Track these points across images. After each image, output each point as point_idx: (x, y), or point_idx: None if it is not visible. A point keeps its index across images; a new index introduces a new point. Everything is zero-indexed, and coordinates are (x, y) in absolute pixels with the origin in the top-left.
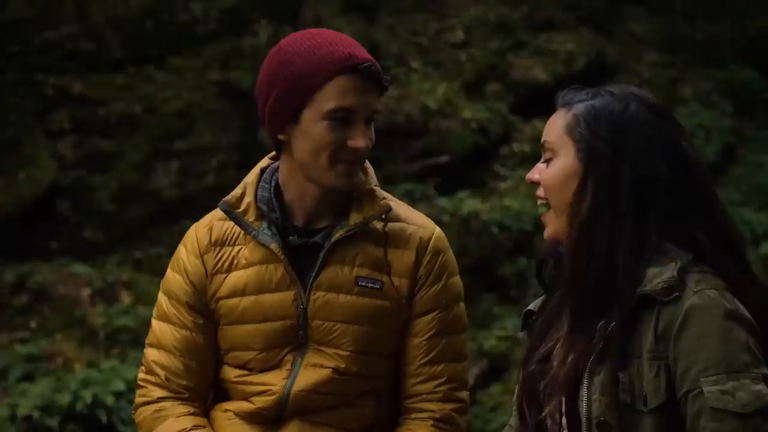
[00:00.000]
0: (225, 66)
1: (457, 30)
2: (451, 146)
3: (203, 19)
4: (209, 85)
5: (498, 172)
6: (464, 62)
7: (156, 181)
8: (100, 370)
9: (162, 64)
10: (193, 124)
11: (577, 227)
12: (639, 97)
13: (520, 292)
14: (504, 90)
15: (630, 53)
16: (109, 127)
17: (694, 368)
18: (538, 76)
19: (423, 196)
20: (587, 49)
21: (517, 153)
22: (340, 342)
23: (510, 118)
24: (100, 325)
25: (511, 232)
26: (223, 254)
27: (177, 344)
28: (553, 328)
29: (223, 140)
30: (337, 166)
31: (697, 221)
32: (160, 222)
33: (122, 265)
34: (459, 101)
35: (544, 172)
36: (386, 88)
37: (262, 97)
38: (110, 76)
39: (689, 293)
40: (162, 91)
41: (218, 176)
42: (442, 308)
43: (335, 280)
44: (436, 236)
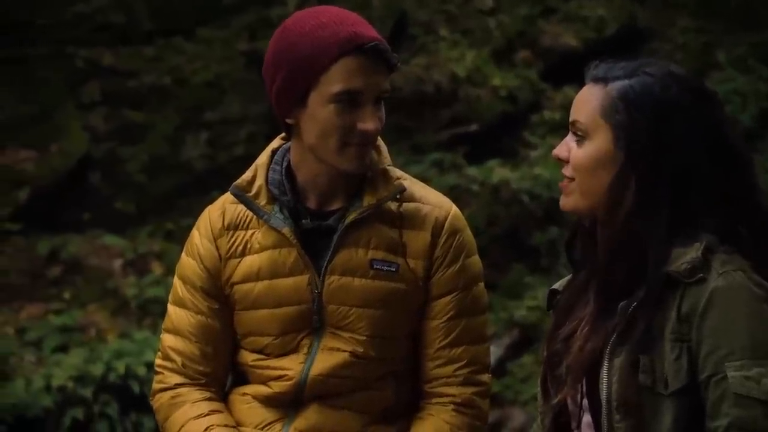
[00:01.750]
0: (253, 36)
1: None
2: (480, 114)
3: None
4: (238, 56)
5: (528, 140)
6: (493, 29)
7: (186, 152)
8: (132, 341)
9: (191, 35)
10: (222, 95)
11: (620, 219)
12: (679, 77)
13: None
14: (534, 57)
15: (663, 18)
16: (140, 98)
17: (718, 352)
18: (569, 43)
19: (452, 165)
20: (618, 14)
21: (548, 121)
22: (357, 326)
23: (540, 86)
24: (131, 296)
25: (542, 201)
26: (237, 238)
27: (193, 330)
28: (577, 306)
29: (252, 111)
30: (346, 149)
31: (736, 211)
32: (191, 193)
33: (153, 236)
34: (488, 69)
35: (576, 153)
36: (395, 66)
37: (269, 79)
38: (140, 48)
39: (714, 274)
40: (191, 62)
41: (247, 147)
42: (460, 289)
43: (349, 263)
44: (452, 215)
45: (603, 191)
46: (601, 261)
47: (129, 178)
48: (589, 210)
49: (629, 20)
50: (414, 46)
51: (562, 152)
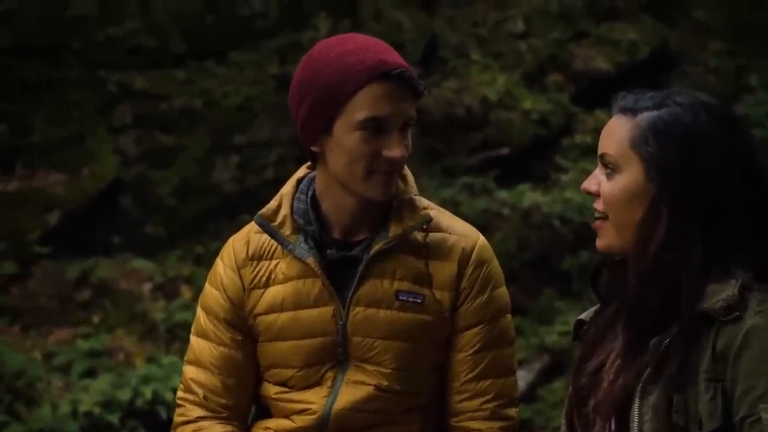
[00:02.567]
0: (284, 60)
1: (518, 20)
2: (511, 138)
3: (262, 13)
4: (268, 79)
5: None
6: (524, 53)
7: (216, 175)
8: (160, 366)
9: (222, 58)
10: (252, 118)
11: (652, 253)
12: (708, 106)
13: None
14: (565, 80)
15: (695, 42)
16: (170, 121)
17: (753, 393)
18: (601, 66)
19: (483, 189)
20: (650, 37)
21: (579, 144)
22: (382, 359)
23: (571, 109)
24: (160, 320)
25: (573, 225)
26: (261, 268)
27: (215, 361)
28: (605, 339)
29: (282, 134)
30: (372, 177)
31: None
32: (221, 216)
33: (183, 259)
34: (519, 92)
35: (607, 187)
36: (422, 93)
37: (295, 107)
38: (171, 71)
39: (751, 313)
40: (222, 85)
41: (277, 170)
42: (487, 321)
43: (375, 294)
44: (479, 246)
45: (635, 225)
46: (633, 295)
47: (159, 201)
48: (623, 248)
49: (661, 44)
50: (445, 70)
51: (592, 186)
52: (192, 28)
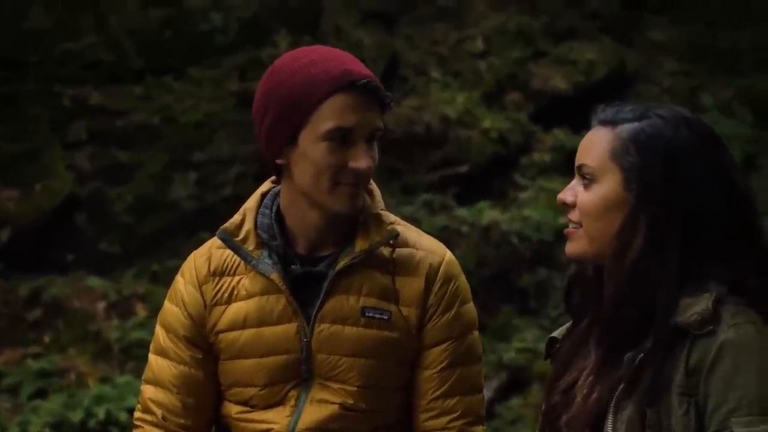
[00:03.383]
0: (244, 76)
1: (477, 39)
2: (470, 156)
3: (222, 29)
4: (228, 96)
5: (518, 182)
6: (484, 72)
7: (174, 192)
8: (113, 386)
9: (181, 74)
10: (211, 134)
11: (629, 263)
12: (688, 120)
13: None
14: (524, 99)
15: (651, 62)
16: (127, 138)
17: (725, 407)
18: (559, 86)
19: (442, 207)
20: (608, 58)
21: (537, 162)
22: (347, 376)
23: (530, 128)
24: (114, 339)
25: (531, 243)
26: (223, 285)
27: (175, 380)
28: (578, 356)
29: (242, 151)
30: (338, 188)
31: (746, 262)
32: (178, 234)
33: (138, 277)
34: (478, 111)
35: (583, 197)
36: (388, 105)
37: (259, 119)
38: (129, 87)
39: (725, 327)
40: (181, 101)
41: (237, 187)
42: (454, 338)
43: (340, 311)
44: (447, 262)
45: (611, 235)
46: (607, 310)
47: (115, 218)
48: (597, 256)
49: (618, 64)
50: (405, 88)
51: (568, 197)
52: (150, 43)
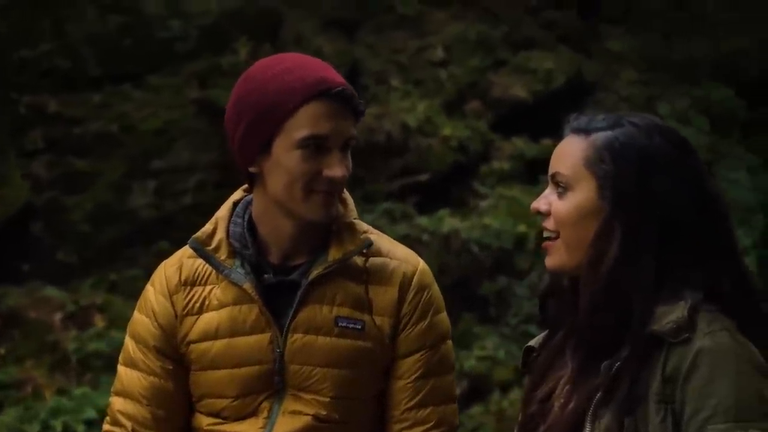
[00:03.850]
0: (204, 84)
1: (437, 48)
2: (431, 164)
3: (182, 36)
4: (188, 104)
5: (478, 190)
6: (444, 80)
7: (132, 201)
8: (71, 398)
9: (140, 82)
10: (171, 143)
11: (604, 271)
12: (661, 128)
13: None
14: (484, 108)
15: (608, 71)
16: (85, 146)
17: (702, 414)
18: (518, 94)
19: (403, 215)
20: (566, 67)
21: (497, 171)
22: (320, 387)
23: (490, 136)
24: (72, 350)
25: (491, 251)
26: (194, 294)
27: (144, 392)
28: (554, 366)
29: (202, 159)
30: (312, 197)
31: (720, 268)
32: (137, 243)
33: (96, 287)
34: (439, 119)
35: (558, 206)
36: (362, 113)
37: (231, 128)
38: (86, 95)
39: (700, 335)
40: (139, 109)
41: (196, 196)
42: (428, 348)
43: (314, 321)
44: (420, 271)
45: (587, 244)
46: (583, 318)
47: (72, 227)
48: (577, 267)
49: (576, 73)
50: (366, 96)
51: (542, 205)
52: (108, 50)
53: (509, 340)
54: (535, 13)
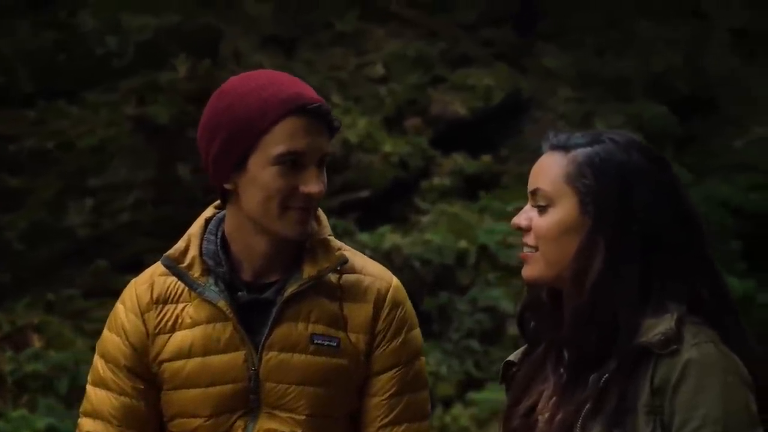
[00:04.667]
0: (141, 101)
1: (377, 65)
2: (371, 181)
3: (118, 52)
4: (125, 120)
5: (419, 206)
6: (384, 97)
7: (69, 219)
8: (7, 420)
9: (75, 98)
10: (108, 160)
11: (589, 285)
12: (639, 145)
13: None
14: (424, 124)
15: (545, 88)
16: (20, 163)
17: (690, 425)
18: (457, 110)
19: (344, 232)
20: (504, 83)
21: (438, 187)
22: (296, 405)
23: (430, 152)
24: (8, 371)
25: (433, 267)
26: (166, 313)
27: (115, 412)
28: (536, 381)
29: (139, 176)
30: (288, 213)
31: (700, 280)
32: (74, 262)
33: (32, 307)
34: (379, 135)
35: (540, 222)
36: (337, 128)
37: (205, 145)
38: (21, 111)
39: (687, 346)
40: (75, 126)
41: (134, 214)
42: (403, 364)
43: (289, 338)
44: (394, 287)
45: (569, 258)
46: (569, 332)
47: (6, 246)
48: (555, 279)
49: (514, 90)
50: None
51: (522, 221)
52: (43, 66)
53: (451, 355)
54: (473, 30)
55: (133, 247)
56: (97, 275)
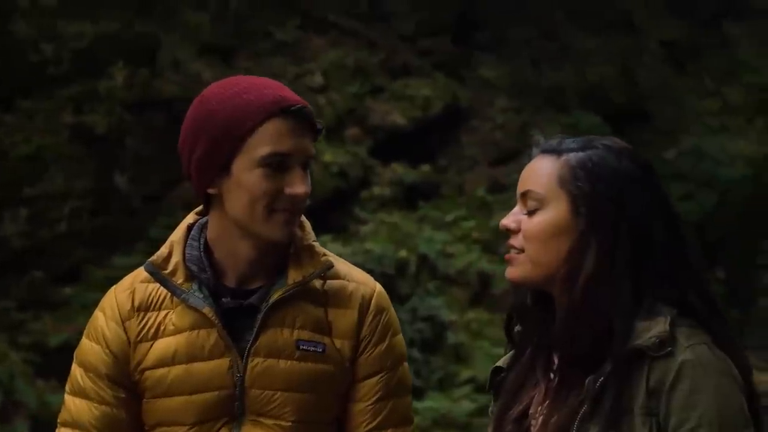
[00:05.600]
0: (79, 109)
1: (316, 74)
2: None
3: (54, 60)
4: (62, 129)
5: (359, 215)
6: (323, 106)
7: (3, 229)
8: None
9: (10, 106)
10: (44, 169)
11: (579, 288)
12: (629, 151)
13: None
14: (363, 134)
15: (483, 98)
16: None
17: (687, 425)
18: (396, 121)
19: None
20: (442, 93)
21: (377, 196)
22: (281, 412)
23: (369, 162)
24: None
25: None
26: (148, 320)
27: (95, 422)
28: (525, 385)
29: (77, 186)
30: (274, 216)
31: (689, 284)
32: (8, 273)
33: None
34: (319, 145)
35: (530, 224)
36: (320, 131)
37: (187, 151)
38: None
39: (681, 348)
40: (10, 134)
41: (72, 223)
42: (387, 370)
43: (275, 344)
44: (377, 293)
45: (558, 260)
46: (561, 335)
47: None
48: (541, 280)
49: (452, 100)
50: None
51: (511, 223)
52: None
53: None
54: (412, 41)
55: (71, 258)
56: (33, 287)
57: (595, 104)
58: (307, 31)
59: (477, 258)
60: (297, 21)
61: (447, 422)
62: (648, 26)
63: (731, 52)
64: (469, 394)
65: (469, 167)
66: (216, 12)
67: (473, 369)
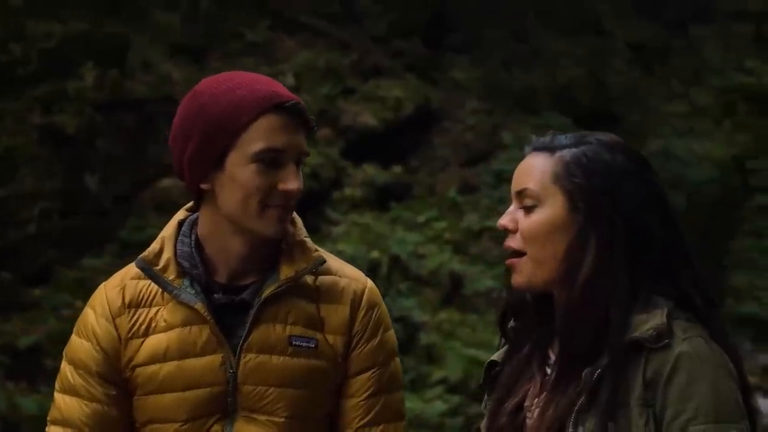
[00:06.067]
0: (48, 109)
1: (287, 75)
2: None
3: (23, 60)
4: (31, 129)
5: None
6: None
7: None
8: None
9: None
10: (13, 169)
11: (579, 283)
12: (623, 146)
13: None
14: (334, 135)
15: (454, 100)
16: None
17: (682, 416)
18: (368, 122)
19: None
20: (414, 95)
21: (349, 198)
22: (274, 408)
23: (341, 163)
24: None
25: None
26: (139, 317)
27: (86, 420)
28: (521, 380)
29: (46, 186)
30: (267, 211)
31: (685, 276)
32: None
33: None
34: None
35: (527, 222)
36: (313, 127)
37: (179, 146)
38: None
39: (678, 340)
40: None
41: (41, 224)
42: (379, 365)
43: (267, 340)
44: (369, 289)
45: (558, 257)
46: (561, 329)
47: None
48: (545, 282)
49: (424, 101)
50: None
51: (508, 222)
52: None
53: None
54: (383, 42)
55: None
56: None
57: (565, 106)
58: (278, 31)
59: (448, 259)
60: (268, 22)
61: (419, 423)
62: (616, 29)
63: (698, 55)
64: (441, 394)
65: (441, 168)
66: (186, 12)
67: (445, 370)
